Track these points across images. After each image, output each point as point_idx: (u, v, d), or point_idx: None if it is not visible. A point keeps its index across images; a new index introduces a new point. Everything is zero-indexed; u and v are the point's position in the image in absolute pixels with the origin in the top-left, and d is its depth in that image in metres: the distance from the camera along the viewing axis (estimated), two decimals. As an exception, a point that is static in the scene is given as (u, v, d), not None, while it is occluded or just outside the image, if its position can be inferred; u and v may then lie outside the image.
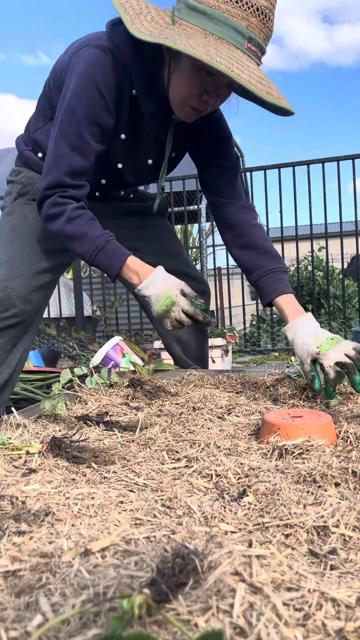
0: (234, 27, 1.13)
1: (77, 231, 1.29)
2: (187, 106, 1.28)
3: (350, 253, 7.03)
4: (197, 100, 1.26)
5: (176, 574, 0.42)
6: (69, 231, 1.30)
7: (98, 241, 1.29)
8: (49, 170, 1.30)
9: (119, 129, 1.37)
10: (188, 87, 1.24)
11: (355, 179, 4.21)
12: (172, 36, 1.12)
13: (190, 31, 1.14)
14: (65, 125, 1.27)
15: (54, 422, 1.03)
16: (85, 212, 1.32)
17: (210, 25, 1.14)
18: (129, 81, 1.30)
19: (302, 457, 0.75)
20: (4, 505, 0.62)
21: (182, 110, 1.29)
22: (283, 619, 0.39)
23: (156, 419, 1.04)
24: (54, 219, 1.31)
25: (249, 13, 1.13)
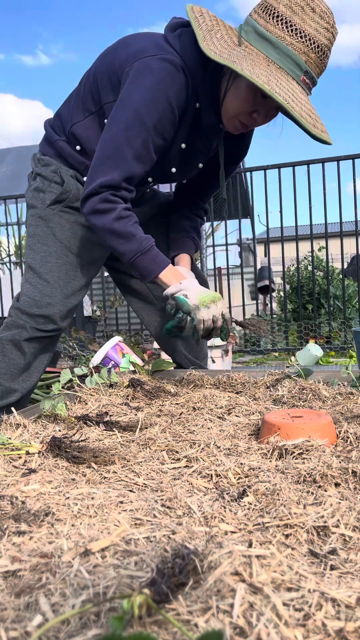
0: (294, 60, 1.23)
1: (125, 230, 1.34)
2: (237, 120, 1.38)
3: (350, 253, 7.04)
4: (247, 117, 1.36)
5: (176, 574, 0.42)
6: (116, 228, 1.34)
7: (144, 243, 1.35)
8: (106, 170, 1.32)
9: (180, 139, 1.43)
10: (242, 104, 1.33)
11: (355, 179, 4.21)
12: (239, 60, 1.21)
13: (254, 56, 1.24)
14: (132, 131, 1.30)
15: (54, 422, 1.03)
16: (133, 215, 1.37)
17: (273, 54, 1.24)
18: (195, 95, 1.37)
19: (302, 457, 0.75)
20: (4, 505, 0.62)
21: (232, 123, 1.39)
22: (283, 619, 0.39)
23: (156, 419, 1.04)
24: (102, 213, 1.34)
25: (310, 49, 1.23)
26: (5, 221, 5.89)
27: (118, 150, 1.31)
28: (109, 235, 1.35)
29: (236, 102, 1.34)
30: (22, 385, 1.51)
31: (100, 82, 1.40)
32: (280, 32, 1.23)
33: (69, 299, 1.51)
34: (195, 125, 1.43)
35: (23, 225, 6.10)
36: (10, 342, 1.48)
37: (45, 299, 1.47)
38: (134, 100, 1.29)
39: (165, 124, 1.32)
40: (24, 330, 1.47)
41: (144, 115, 1.29)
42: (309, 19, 1.23)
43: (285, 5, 1.23)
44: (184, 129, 1.42)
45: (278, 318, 5.33)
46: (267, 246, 8.27)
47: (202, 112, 1.41)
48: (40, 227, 1.51)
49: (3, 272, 7.18)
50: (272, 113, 1.37)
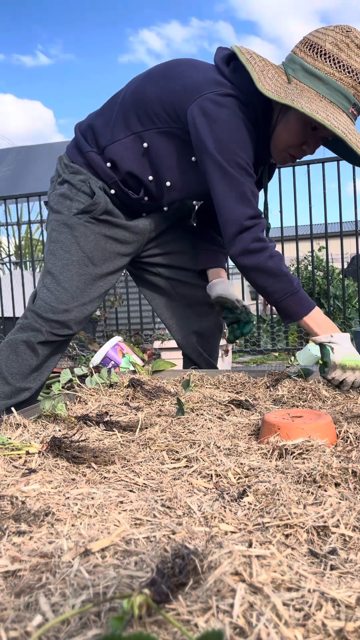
0: (344, 94, 1.29)
1: (278, 269, 1.36)
2: (286, 153, 1.44)
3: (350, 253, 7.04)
4: (297, 149, 1.42)
5: (176, 574, 0.42)
6: (269, 266, 1.36)
7: (295, 285, 1.37)
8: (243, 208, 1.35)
9: None
10: (292, 138, 1.39)
11: (355, 179, 4.21)
12: (297, 98, 1.27)
13: (307, 93, 1.29)
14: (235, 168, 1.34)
15: (54, 422, 1.03)
16: (281, 255, 1.40)
17: (323, 90, 1.29)
18: (256, 128, 1.41)
19: (302, 457, 0.75)
20: (4, 505, 0.62)
21: (281, 156, 1.46)
22: (283, 619, 0.39)
23: (156, 419, 1.04)
24: (256, 252, 1.36)
25: (358, 83, 1.30)
26: (5, 221, 5.89)
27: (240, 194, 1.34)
28: (261, 274, 1.37)
29: (286, 135, 1.40)
30: (32, 384, 1.53)
31: (151, 107, 1.42)
32: (329, 68, 1.29)
33: (86, 306, 1.53)
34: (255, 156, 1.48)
35: (23, 226, 6.10)
36: (25, 344, 1.49)
37: (62, 306, 1.49)
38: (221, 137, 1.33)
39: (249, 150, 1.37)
40: (39, 333, 1.49)
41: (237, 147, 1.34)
42: (354, 54, 1.29)
43: (331, 43, 1.29)
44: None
45: (278, 318, 5.32)
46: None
47: (258, 144, 1.45)
48: (65, 235, 1.51)
49: (3, 272, 7.18)
50: (319, 144, 1.44)
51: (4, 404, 1.49)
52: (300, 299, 1.37)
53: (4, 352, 1.51)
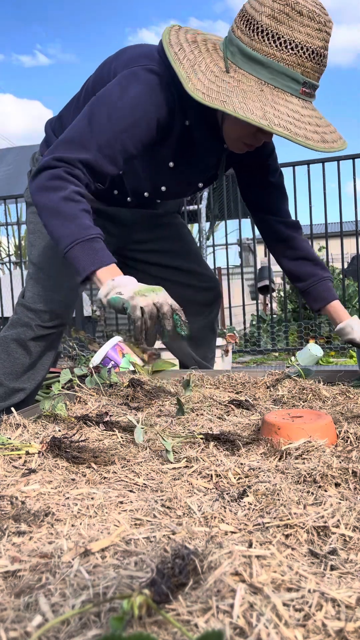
0: (289, 75, 1.13)
1: (70, 212, 1.16)
2: (240, 142, 1.30)
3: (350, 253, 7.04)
4: (251, 138, 1.28)
5: (176, 574, 0.42)
6: (59, 208, 1.16)
7: (88, 232, 1.15)
8: (65, 149, 1.20)
9: (167, 157, 1.36)
10: (242, 129, 1.25)
11: (355, 179, 4.21)
12: (229, 98, 1.11)
13: (245, 83, 1.14)
14: (100, 128, 1.20)
15: (54, 422, 1.03)
16: (85, 202, 1.20)
17: (265, 75, 1.13)
18: (182, 112, 1.28)
19: (302, 457, 0.75)
20: (4, 505, 0.62)
21: (235, 145, 1.31)
22: (283, 620, 0.39)
23: (156, 419, 1.04)
24: (50, 190, 1.18)
25: (304, 58, 1.12)
26: (5, 221, 5.89)
27: (83, 138, 1.20)
28: (49, 215, 1.18)
29: (235, 127, 1.26)
30: (27, 384, 1.51)
31: (97, 91, 1.35)
32: (268, 48, 1.12)
33: (72, 292, 1.49)
34: (187, 143, 1.35)
35: (23, 225, 6.10)
36: (16, 342, 1.47)
37: (48, 294, 1.46)
38: (112, 100, 1.21)
39: (138, 133, 1.23)
40: (29, 329, 1.46)
41: (116, 118, 1.20)
42: (297, 24, 1.11)
43: (267, 15, 1.11)
44: (170, 147, 1.34)
45: (278, 318, 5.32)
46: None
47: (194, 131, 1.32)
48: (40, 225, 1.47)
49: (3, 272, 7.18)
50: None
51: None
52: (93, 250, 1.14)
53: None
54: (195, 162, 1.41)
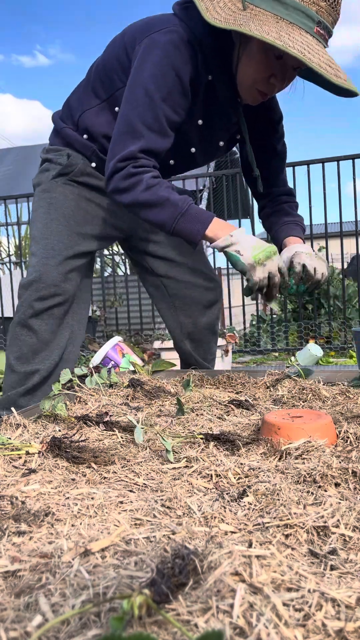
0: (304, 11, 1.16)
1: (157, 197, 1.25)
2: (254, 90, 1.31)
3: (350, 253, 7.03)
4: (265, 84, 1.29)
5: (176, 574, 0.42)
6: (146, 199, 1.25)
7: (181, 204, 1.24)
8: (122, 146, 1.26)
9: (196, 115, 1.39)
10: (256, 71, 1.27)
11: (355, 179, 4.21)
12: (246, 23, 1.15)
13: (262, 17, 1.17)
14: (142, 107, 1.25)
15: (54, 422, 1.03)
16: (163, 180, 1.28)
17: (281, 10, 1.16)
18: (206, 67, 1.31)
19: (302, 457, 0.75)
20: (4, 505, 0.62)
21: (250, 93, 1.33)
22: (283, 619, 0.39)
23: (156, 419, 1.04)
24: (128, 190, 1.26)
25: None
26: (5, 221, 5.89)
27: (131, 126, 1.26)
28: (142, 209, 1.27)
29: (250, 69, 1.28)
30: (40, 365, 1.45)
31: (110, 68, 1.38)
32: None
33: (69, 261, 1.45)
34: (211, 99, 1.38)
35: (23, 225, 6.10)
36: (19, 325, 1.44)
37: (43, 261, 1.42)
38: (143, 77, 1.26)
39: (175, 97, 1.28)
40: (28, 307, 1.42)
41: (152, 91, 1.25)
42: None
43: None
44: (198, 104, 1.37)
45: (278, 318, 5.32)
46: (267, 246, 8.25)
47: (217, 85, 1.35)
48: (44, 200, 1.48)
49: (3, 272, 7.18)
50: (290, 75, 1.30)
51: (15, 393, 1.43)
52: (194, 217, 1.25)
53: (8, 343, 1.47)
54: (219, 120, 1.44)
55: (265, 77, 1.28)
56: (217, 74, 1.33)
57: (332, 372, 1.40)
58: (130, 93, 1.28)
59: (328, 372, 1.41)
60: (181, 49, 1.26)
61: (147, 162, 1.27)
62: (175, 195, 1.26)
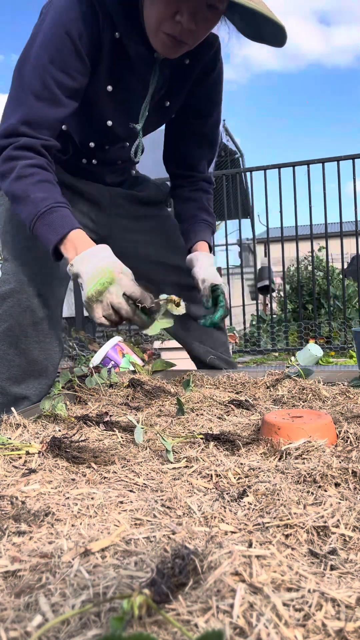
0: None
1: (21, 191, 1.09)
2: (161, 33, 1.12)
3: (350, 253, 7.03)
4: (171, 24, 1.10)
5: (176, 574, 0.42)
6: (12, 190, 1.10)
7: (40, 205, 1.08)
8: (5, 117, 1.14)
9: (104, 80, 1.23)
10: (158, 10, 1.09)
11: (355, 179, 4.21)
12: None
13: None
14: (28, 72, 1.12)
15: (54, 422, 1.03)
16: (38, 171, 1.12)
17: None
18: (109, 24, 1.16)
19: (302, 457, 0.75)
20: (4, 505, 0.62)
21: (158, 40, 1.14)
22: (283, 619, 0.39)
23: (156, 419, 1.04)
24: (3, 176, 1.13)
25: None
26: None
27: (15, 94, 1.13)
28: (12, 202, 1.13)
29: (153, 8, 1.10)
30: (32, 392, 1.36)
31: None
32: None
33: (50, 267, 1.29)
34: (121, 61, 1.22)
35: None
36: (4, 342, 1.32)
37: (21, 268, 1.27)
38: (31, 42, 1.14)
39: (66, 57, 1.12)
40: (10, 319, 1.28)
41: (40, 54, 1.11)
42: None
43: None
44: (104, 67, 1.21)
45: (278, 318, 5.32)
46: (267, 246, 8.27)
47: (125, 42, 1.19)
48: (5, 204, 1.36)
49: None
50: (203, 15, 1.10)
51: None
52: (49, 223, 1.08)
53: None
54: (134, 83, 1.27)
55: (169, 16, 1.09)
56: (124, 29, 1.17)
57: (332, 372, 1.40)
58: (20, 59, 1.16)
59: (328, 372, 1.41)
60: (74, 6, 1.12)
61: (29, 142, 1.12)
62: (39, 192, 1.09)
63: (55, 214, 1.09)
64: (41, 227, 1.09)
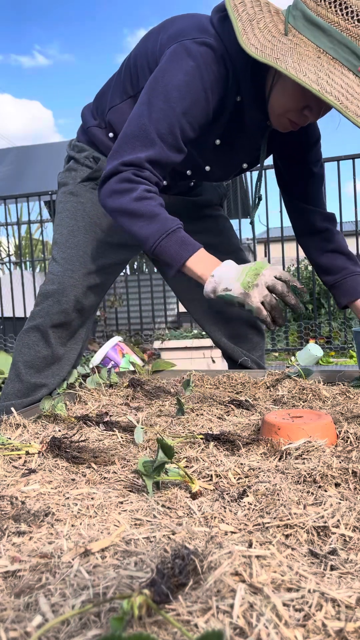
0: (350, 47, 1.06)
1: (147, 210, 1.15)
2: (285, 119, 1.24)
3: (350, 253, 7.04)
4: (298, 115, 1.22)
5: (176, 574, 0.42)
6: (134, 208, 1.16)
7: (170, 224, 1.16)
8: (130, 149, 1.18)
9: (215, 135, 1.31)
10: (290, 102, 1.19)
11: (355, 179, 4.21)
12: (283, 56, 1.07)
13: (303, 48, 1.08)
14: (159, 114, 1.17)
15: (54, 422, 1.03)
16: (158, 197, 1.20)
17: (325, 43, 1.08)
18: (236, 87, 1.24)
19: (302, 457, 0.75)
20: (4, 505, 0.62)
21: (280, 121, 1.25)
22: (283, 620, 0.39)
23: (156, 419, 1.04)
24: (120, 194, 1.17)
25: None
26: (5, 221, 5.89)
27: (143, 130, 1.17)
28: (126, 218, 1.17)
29: (284, 98, 1.20)
30: (50, 380, 1.42)
31: (140, 65, 1.31)
32: (333, 16, 1.06)
33: (93, 275, 1.42)
34: (236, 120, 1.30)
35: (23, 225, 6.10)
36: (35, 331, 1.40)
37: (67, 273, 1.39)
38: (167, 82, 1.17)
39: (197, 113, 1.19)
40: (46, 317, 1.39)
41: (174, 99, 1.16)
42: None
43: None
44: (220, 124, 1.29)
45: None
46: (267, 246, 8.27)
47: (245, 107, 1.27)
48: (71, 203, 1.45)
49: (3, 272, 7.18)
50: (327, 107, 1.21)
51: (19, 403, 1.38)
52: (179, 240, 1.15)
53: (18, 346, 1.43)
54: (242, 142, 1.36)
55: (299, 109, 1.20)
56: (247, 96, 1.25)
57: (332, 372, 1.40)
58: (149, 95, 1.19)
59: (328, 372, 1.41)
60: (213, 65, 1.18)
61: (150, 176, 1.19)
62: (167, 214, 1.18)
63: (183, 233, 1.17)
64: (171, 242, 1.15)
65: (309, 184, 1.52)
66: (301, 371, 1.33)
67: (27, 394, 1.41)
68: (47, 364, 1.42)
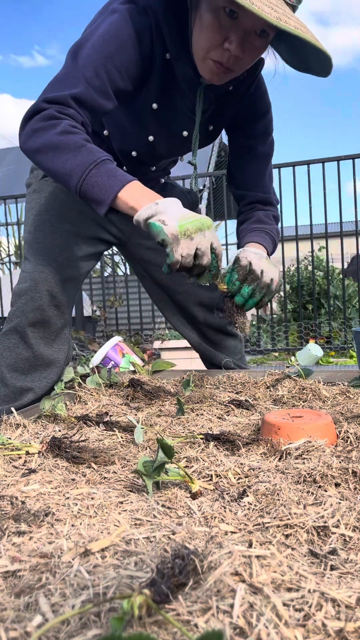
0: None
1: (72, 142, 1.06)
2: (209, 61, 1.14)
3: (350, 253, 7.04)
4: (219, 51, 1.11)
5: (176, 574, 0.42)
6: (57, 141, 1.06)
7: (98, 154, 1.06)
8: (55, 86, 1.13)
9: (150, 98, 1.26)
10: (207, 37, 1.10)
11: (355, 179, 4.21)
12: None
13: None
14: (86, 60, 1.12)
15: (54, 422, 1.03)
16: (84, 133, 1.11)
17: None
18: (162, 44, 1.19)
19: (302, 457, 0.75)
20: (4, 505, 0.62)
21: (206, 66, 1.15)
22: (283, 620, 0.39)
23: (156, 419, 1.04)
24: (41, 131, 1.08)
25: None
26: (5, 221, 5.89)
27: (70, 73, 1.12)
28: (49, 155, 1.06)
29: (202, 36, 1.11)
30: (36, 384, 1.38)
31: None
32: None
33: (64, 268, 1.37)
34: (168, 81, 1.24)
35: (23, 226, 6.09)
36: (13, 332, 1.36)
37: (38, 269, 1.34)
38: (93, 33, 1.15)
39: (123, 59, 1.14)
40: (22, 317, 1.34)
41: (98, 44, 1.12)
42: None
43: None
44: (152, 85, 1.23)
45: (278, 318, 5.32)
46: (267, 246, 8.26)
47: (175, 64, 1.21)
48: (35, 201, 1.43)
49: (3, 272, 7.18)
50: (252, 43, 1.11)
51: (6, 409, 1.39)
52: (109, 170, 1.05)
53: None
54: (179, 104, 1.30)
55: (218, 43, 1.10)
56: (175, 51, 1.19)
57: (332, 372, 1.40)
58: (77, 45, 1.16)
59: (328, 372, 1.41)
60: (136, 15, 1.14)
61: (75, 114, 1.11)
62: (95, 146, 1.08)
63: (113, 165, 1.07)
64: (99, 174, 1.05)
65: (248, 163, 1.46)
66: (301, 371, 1.33)
67: (14, 398, 1.37)
68: (31, 366, 1.38)
